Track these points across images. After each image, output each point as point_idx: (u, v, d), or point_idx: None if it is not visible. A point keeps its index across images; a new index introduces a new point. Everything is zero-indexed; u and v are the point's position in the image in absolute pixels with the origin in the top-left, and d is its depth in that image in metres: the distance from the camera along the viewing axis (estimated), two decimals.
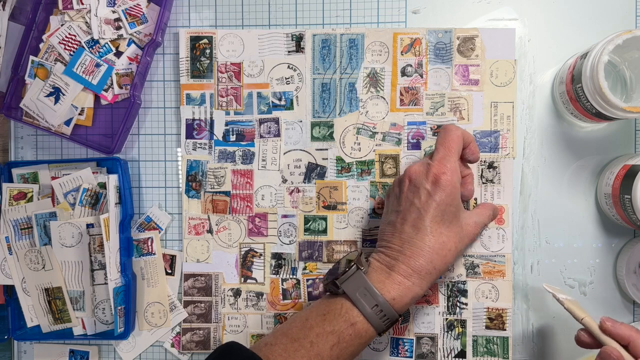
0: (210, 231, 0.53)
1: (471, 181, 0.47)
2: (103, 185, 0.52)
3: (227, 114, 0.53)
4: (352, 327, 0.41)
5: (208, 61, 0.53)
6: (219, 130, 0.53)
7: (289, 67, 0.53)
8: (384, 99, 0.52)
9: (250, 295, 0.53)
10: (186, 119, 0.53)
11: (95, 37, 0.52)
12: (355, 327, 0.41)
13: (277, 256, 0.53)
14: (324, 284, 0.45)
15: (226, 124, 0.53)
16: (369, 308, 0.40)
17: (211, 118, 0.53)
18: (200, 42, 0.53)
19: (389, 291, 0.41)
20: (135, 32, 0.53)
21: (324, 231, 0.53)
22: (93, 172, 0.52)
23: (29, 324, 0.53)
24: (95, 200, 0.52)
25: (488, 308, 0.51)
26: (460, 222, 0.43)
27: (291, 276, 0.53)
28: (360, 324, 0.41)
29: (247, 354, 0.40)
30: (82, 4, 0.52)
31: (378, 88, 0.52)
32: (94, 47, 0.52)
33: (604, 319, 0.41)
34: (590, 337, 0.42)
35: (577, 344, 0.43)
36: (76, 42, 0.52)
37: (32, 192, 0.54)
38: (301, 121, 0.53)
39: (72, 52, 0.52)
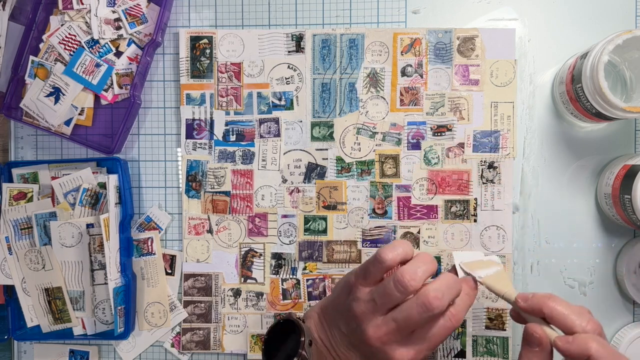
0: (210, 231, 0.53)
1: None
2: (103, 185, 0.52)
3: (227, 114, 0.53)
4: None
5: (208, 61, 0.53)
6: (219, 130, 0.53)
7: (289, 67, 0.53)
8: (384, 99, 0.52)
9: (250, 295, 0.53)
10: (186, 119, 0.54)
11: (95, 37, 0.52)
12: None
13: (277, 256, 0.53)
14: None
15: (226, 124, 0.53)
16: None
17: (211, 118, 0.53)
18: (200, 42, 0.53)
19: None
20: (135, 32, 0.53)
21: (324, 231, 0.53)
22: (93, 172, 0.52)
23: (29, 324, 0.53)
24: (95, 200, 0.52)
25: (488, 308, 0.51)
26: None
27: (291, 276, 0.53)
28: None
29: None
30: (82, 4, 0.52)
31: (378, 88, 0.52)
32: (94, 47, 0.52)
33: (517, 297, 0.38)
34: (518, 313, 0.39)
35: (513, 320, 0.41)
36: (76, 42, 0.52)
37: (32, 192, 0.54)
38: (301, 121, 0.53)
39: (72, 52, 0.52)
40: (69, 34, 0.52)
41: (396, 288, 0.38)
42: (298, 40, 0.52)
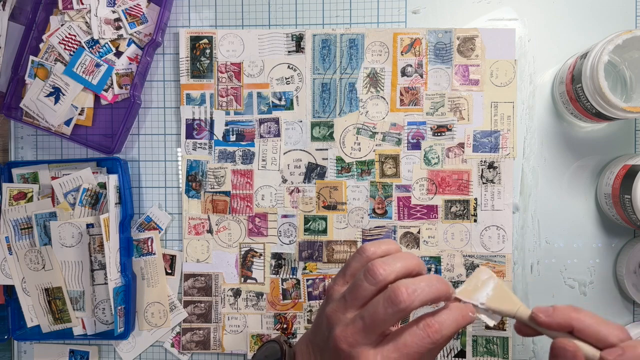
0: (210, 231, 0.54)
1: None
2: (103, 185, 0.52)
3: (227, 114, 0.53)
4: None
5: (208, 61, 0.53)
6: (219, 130, 0.53)
7: (289, 67, 0.53)
8: (384, 99, 0.52)
9: (250, 295, 0.53)
10: (186, 119, 0.54)
11: (95, 37, 0.52)
12: None
13: (277, 256, 0.53)
14: None
15: (226, 124, 0.53)
16: None
17: (211, 118, 0.53)
18: (200, 42, 0.53)
19: None
20: (135, 32, 0.53)
21: (324, 231, 0.53)
22: (93, 172, 0.52)
23: (29, 324, 0.53)
24: (95, 200, 0.52)
25: None
26: None
27: (291, 276, 0.53)
28: None
29: None
30: (82, 4, 0.52)
31: (378, 88, 0.52)
32: (94, 47, 0.52)
33: (535, 311, 0.34)
34: (527, 327, 0.36)
35: (518, 334, 0.37)
36: (76, 42, 0.52)
37: (32, 192, 0.54)
38: (301, 121, 0.53)
39: (72, 52, 0.52)
40: (69, 34, 0.52)
41: (366, 278, 0.35)
42: (298, 40, 0.52)
